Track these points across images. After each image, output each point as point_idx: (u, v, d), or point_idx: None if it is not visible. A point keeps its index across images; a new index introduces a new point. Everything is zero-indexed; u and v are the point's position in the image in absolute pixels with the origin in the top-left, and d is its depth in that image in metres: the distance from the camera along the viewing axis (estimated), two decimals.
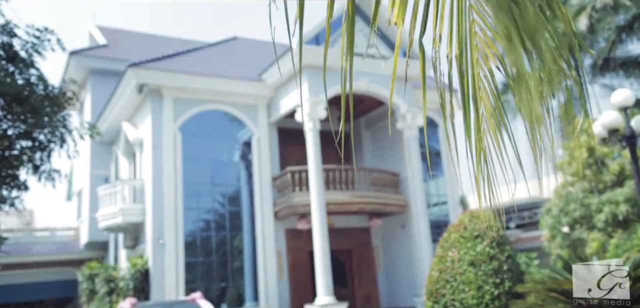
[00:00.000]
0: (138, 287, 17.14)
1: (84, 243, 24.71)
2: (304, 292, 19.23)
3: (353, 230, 20.84)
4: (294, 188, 18.51)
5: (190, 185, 18.41)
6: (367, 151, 22.29)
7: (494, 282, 6.19)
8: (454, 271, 6.39)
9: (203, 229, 18.49)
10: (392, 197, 19.76)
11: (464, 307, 6.25)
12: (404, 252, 20.64)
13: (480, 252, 6.29)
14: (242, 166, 19.45)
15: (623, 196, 14.03)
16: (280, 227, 19.46)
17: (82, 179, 25.80)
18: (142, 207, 18.52)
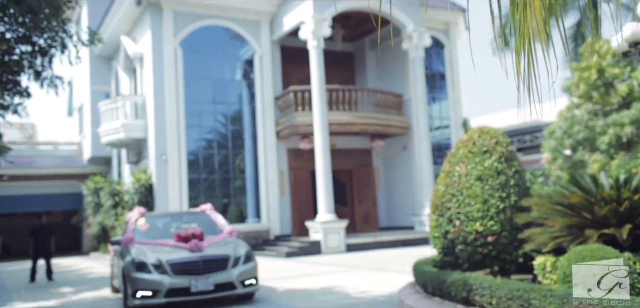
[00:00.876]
0: (142, 201, 17.38)
1: (87, 158, 24.86)
2: (305, 210, 19.54)
3: (354, 151, 20.92)
4: (296, 108, 18.40)
5: (192, 102, 18.29)
6: (371, 72, 22.01)
7: (500, 196, 6.22)
8: (460, 185, 6.40)
9: (205, 147, 18.54)
10: (394, 118, 19.70)
11: (469, 219, 6.31)
12: (403, 174, 20.82)
13: (488, 166, 6.28)
14: (244, 85, 19.25)
15: (629, 118, 13.96)
16: (282, 147, 19.51)
17: (82, 94, 25.63)
18: (144, 123, 18.49)
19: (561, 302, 4.50)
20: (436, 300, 6.20)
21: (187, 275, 7.49)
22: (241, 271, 7.85)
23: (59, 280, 13.63)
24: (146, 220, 9.17)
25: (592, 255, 4.87)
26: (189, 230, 8.18)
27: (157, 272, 7.46)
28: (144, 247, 8.05)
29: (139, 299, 7.38)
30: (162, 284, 7.40)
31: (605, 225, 5.56)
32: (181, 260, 7.62)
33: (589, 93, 15.07)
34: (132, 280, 7.45)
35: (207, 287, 7.52)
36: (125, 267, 7.74)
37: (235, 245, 8.26)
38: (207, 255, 7.80)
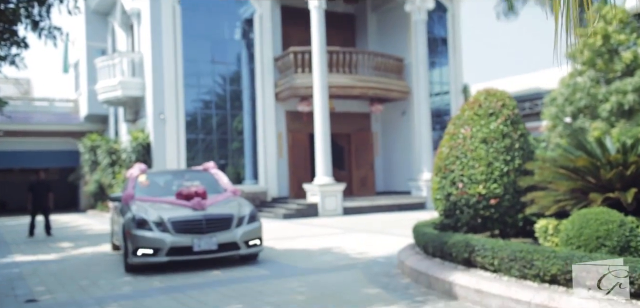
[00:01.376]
0: (140, 159, 17.30)
1: (83, 115, 24.67)
2: (303, 173, 19.54)
3: (353, 115, 20.82)
4: (296, 69, 18.21)
5: (191, 61, 18.08)
6: (372, 35, 21.74)
7: (504, 159, 6.18)
8: (464, 147, 6.35)
9: (203, 107, 18.40)
10: (395, 82, 19.55)
11: (472, 182, 6.28)
12: (402, 139, 20.79)
13: (494, 129, 6.23)
14: (243, 45, 19.00)
15: (632, 85, 13.89)
16: (280, 109, 19.39)
17: (78, 51, 25.28)
18: (142, 82, 18.29)
19: (564, 263, 4.51)
20: (437, 261, 6.21)
21: (189, 234, 7.31)
22: (245, 231, 7.68)
23: (57, 236, 13.65)
24: (147, 177, 8.92)
25: (597, 218, 4.87)
26: (192, 187, 7.96)
27: (158, 230, 7.27)
28: (145, 204, 7.84)
29: (139, 257, 7.21)
30: (163, 242, 7.21)
31: (610, 189, 5.55)
32: (183, 219, 7.42)
33: (593, 59, 14.95)
34: (133, 238, 7.26)
35: (210, 247, 7.33)
36: (126, 224, 7.54)
37: (239, 205, 8.08)
38: (210, 214, 7.59)
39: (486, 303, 4.99)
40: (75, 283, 6.95)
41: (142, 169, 8.99)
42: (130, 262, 7.33)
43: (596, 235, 4.77)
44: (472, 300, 5.17)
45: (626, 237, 4.74)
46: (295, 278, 6.74)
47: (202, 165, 9.74)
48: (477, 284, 5.16)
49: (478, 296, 5.09)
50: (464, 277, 5.39)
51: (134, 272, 7.43)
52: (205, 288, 6.27)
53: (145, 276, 7.17)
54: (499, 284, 4.98)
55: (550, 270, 4.61)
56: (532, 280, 4.84)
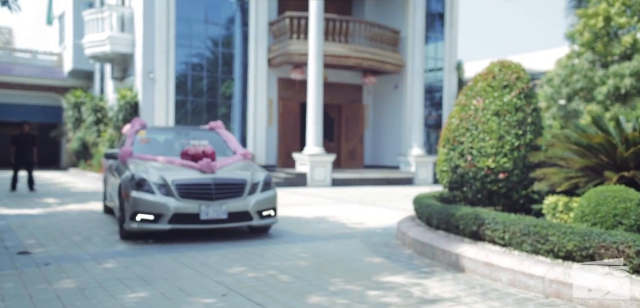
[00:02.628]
0: (127, 118, 16.89)
1: (67, 70, 23.99)
2: (292, 142, 19.33)
3: (345, 85, 20.58)
4: (291, 35, 17.85)
5: (183, 20, 17.57)
6: (369, 4, 21.38)
7: (516, 133, 6.06)
8: (476, 119, 6.21)
9: (194, 69, 17.97)
10: (390, 55, 19.32)
11: (482, 155, 6.15)
12: (393, 113, 20.64)
13: (507, 102, 6.09)
14: (238, 6, 18.52)
15: (630, 69, 13.88)
16: (273, 75, 19.05)
17: (64, 2, 24.46)
18: (132, 38, 17.76)
19: (582, 239, 4.42)
20: (441, 233, 6.11)
21: (196, 200, 6.39)
22: (259, 199, 6.75)
23: (40, 192, 13.28)
24: (147, 133, 8.05)
25: (614, 196, 4.78)
26: (199, 147, 7.08)
27: (160, 193, 6.34)
28: (146, 164, 6.94)
29: (137, 223, 6.30)
30: (166, 207, 6.27)
31: (625, 168, 5.47)
32: (190, 182, 6.48)
33: (592, 41, 14.88)
34: (131, 200, 6.31)
35: (219, 215, 6.43)
36: (123, 184, 6.64)
37: (253, 170, 7.15)
38: (220, 178, 6.64)
39: (496, 277, 4.90)
40: (67, 238, 6.71)
41: (141, 124, 8.10)
42: (127, 228, 6.40)
43: (614, 213, 4.69)
44: (480, 273, 5.07)
45: None
46: (296, 245, 6.59)
47: (209, 124, 8.80)
48: (486, 257, 5.06)
49: (487, 269, 4.99)
50: (472, 250, 5.29)
51: (131, 240, 6.62)
52: (205, 251, 6.08)
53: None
54: (510, 258, 4.88)
55: (566, 246, 4.52)
56: (545, 256, 4.75)
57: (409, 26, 19.72)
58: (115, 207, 7.41)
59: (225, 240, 6.75)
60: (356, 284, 4.72)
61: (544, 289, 4.45)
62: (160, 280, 4.73)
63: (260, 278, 4.87)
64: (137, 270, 5.10)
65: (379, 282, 4.83)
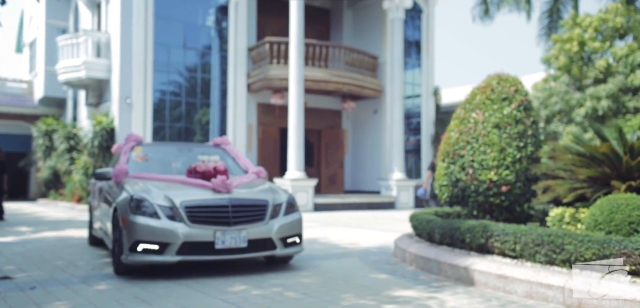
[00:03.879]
0: (103, 145, 16.42)
1: (38, 98, 23.30)
2: (272, 168, 19.05)
3: (324, 111, 20.52)
4: (271, 60, 17.74)
5: (161, 45, 17.31)
6: (347, 31, 21.52)
7: (517, 146, 6.00)
8: (476, 132, 6.13)
9: (173, 94, 17.65)
10: (369, 80, 19.39)
11: (483, 168, 6.06)
12: (373, 137, 20.64)
13: (507, 114, 6.03)
14: (217, 32, 18.37)
15: (605, 92, 14.22)
16: (252, 100, 18.86)
17: (36, 29, 23.89)
18: (108, 63, 17.37)
19: (601, 247, 4.31)
20: (445, 248, 5.95)
21: (210, 225, 5.31)
22: (282, 224, 5.68)
23: (10, 221, 12.65)
24: (144, 149, 6.99)
25: (628, 203, 4.72)
26: (210, 163, 6.10)
27: (166, 217, 5.25)
28: (147, 183, 5.82)
29: (139, 254, 5.17)
30: (174, 235, 5.17)
31: (630, 178, 5.44)
32: (203, 203, 5.40)
33: (568, 65, 15.24)
34: (131, 227, 5.22)
35: (237, 243, 5.34)
36: (120, 208, 5.49)
37: (273, 190, 6.11)
38: (238, 199, 5.55)
39: (510, 289, 4.74)
40: (50, 264, 6.29)
41: (136, 139, 7.09)
42: (125, 261, 5.23)
43: (629, 220, 4.61)
44: (493, 286, 4.91)
45: None
46: (294, 263, 6.33)
47: (213, 140, 7.67)
48: (499, 269, 4.91)
49: (501, 282, 4.84)
50: (483, 263, 5.14)
51: (129, 275, 5.40)
52: (202, 269, 5.76)
53: None
54: (524, 269, 4.74)
55: (584, 254, 4.41)
56: (561, 266, 4.63)
57: (387, 52, 19.89)
58: (107, 237, 6.32)
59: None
60: (369, 299, 4.50)
61: (564, 300, 4.31)
62: (160, 299, 4.42)
63: (267, 296, 4.61)
64: (133, 290, 4.77)
65: (392, 296, 4.62)
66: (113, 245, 5.71)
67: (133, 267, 5.42)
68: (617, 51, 15.14)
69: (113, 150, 7.60)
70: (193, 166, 6.16)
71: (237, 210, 5.47)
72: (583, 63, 15.23)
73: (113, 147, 7.73)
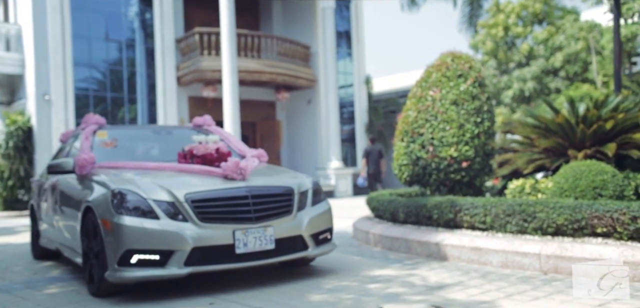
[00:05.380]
0: (19, 146, 15.12)
1: None
2: None
3: (258, 102, 20.14)
4: (202, 51, 17.12)
5: (81, 38, 16.19)
6: (277, 22, 21.22)
7: (475, 121, 6.08)
8: (435, 110, 6.16)
9: (96, 89, 16.58)
10: (302, 70, 19.24)
11: (444, 145, 6.09)
12: (308, 128, 20.54)
13: (464, 91, 6.10)
14: (141, 22, 17.45)
15: (531, 74, 14.98)
16: (183, 94, 18.12)
17: None
18: (21, 58, 15.99)
19: (572, 212, 4.41)
20: (410, 227, 5.91)
21: (227, 223, 4.01)
22: (313, 217, 4.46)
23: None
24: (110, 133, 5.45)
25: (590, 170, 4.88)
26: (209, 145, 4.77)
27: (167, 216, 3.92)
28: (129, 173, 4.43)
29: (133, 269, 3.83)
30: (181, 239, 3.84)
31: (581, 147, 5.65)
32: (215, 195, 4.08)
33: (495, 50, 15.91)
34: (118, 232, 3.85)
35: (263, 245, 4.07)
36: (97, 207, 4.07)
37: (293, 174, 4.93)
38: (259, 187, 4.28)
39: (485, 260, 4.77)
40: None
41: (97, 122, 5.58)
42: (112, 278, 3.87)
43: (593, 186, 4.77)
44: (467, 259, 4.92)
45: (620, 187, 4.79)
46: None
47: (193, 120, 6.19)
48: (472, 242, 4.92)
49: (475, 254, 4.85)
50: (454, 237, 5.14)
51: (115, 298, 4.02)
52: None
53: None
54: (498, 240, 4.78)
55: (556, 221, 4.50)
56: (533, 234, 4.71)
57: (318, 42, 19.83)
58: (69, 249, 4.86)
59: None
60: (351, 280, 4.34)
61: (540, 266, 4.37)
62: (126, 294, 4.01)
63: (246, 281, 4.32)
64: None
65: (371, 276, 4.49)
66: (84, 259, 4.31)
67: (122, 287, 4.05)
68: (538, 35, 16.01)
69: (61, 139, 6.37)
70: (187, 149, 4.84)
71: (260, 202, 4.18)
72: (508, 47, 15.96)
73: (61, 135, 6.40)
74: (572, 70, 14.97)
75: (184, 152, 4.86)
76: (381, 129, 21.35)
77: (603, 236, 4.32)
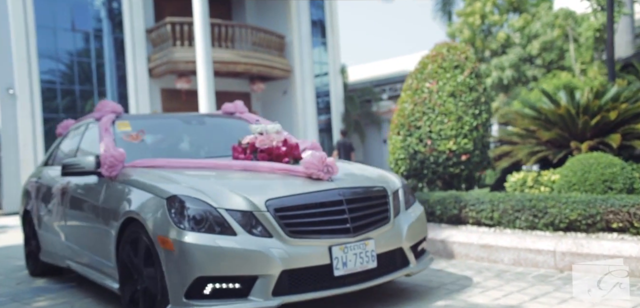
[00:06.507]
0: None
1: None
2: None
3: (233, 94, 19.64)
4: (175, 42, 16.57)
5: (46, 28, 15.44)
6: (250, 10, 20.74)
7: (473, 113, 5.94)
8: (432, 102, 5.99)
9: (64, 82, 15.88)
10: (277, 60, 18.89)
11: (442, 138, 5.93)
12: (284, 118, 20.18)
13: (461, 82, 5.94)
14: (108, 12, 16.78)
15: (509, 62, 15.07)
16: (155, 86, 17.54)
17: None
18: None
19: (586, 207, 4.31)
20: None
21: (321, 236, 3.16)
22: (411, 224, 3.63)
23: None
24: (132, 124, 4.46)
25: (599, 162, 4.79)
26: (271, 136, 3.86)
27: (245, 230, 3.06)
28: (173, 174, 3.55)
29: (209, 303, 3.01)
30: (267, 260, 3.01)
31: (583, 138, 5.57)
32: (304, 200, 3.21)
33: (472, 38, 15.93)
34: (185, 254, 2.98)
35: (364, 263, 3.23)
36: (147, 218, 3.20)
37: (376, 170, 4.03)
38: (351, 189, 3.40)
39: (496, 258, 4.64)
40: None
41: (114, 109, 4.58)
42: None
43: (603, 179, 4.69)
44: (475, 256, 4.78)
45: (630, 179, 4.72)
46: None
47: (224, 107, 5.36)
48: (480, 239, 4.78)
49: (485, 251, 4.71)
50: (461, 234, 4.99)
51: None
52: None
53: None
54: (509, 237, 4.65)
55: (569, 216, 4.40)
56: (544, 230, 4.60)
57: (293, 31, 19.48)
58: (93, 271, 3.96)
59: None
60: None
61: (555, 264, 4.26)
62: None
63: None
64: (85, 301, 3.99)
65: None
66: (122, 284, 3.46)
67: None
68: (514, 23, 16.11)
69: (59, 131, 5.51)
70: (247, 142, 3.89)
71: (355, 208, 3.31)
72: (485, 36, 16.01)
73: (58, 127, 5.56)
74: (549, 58, 15.13)
75: (242, 146, 3.90)
76: (357, 118, 21.23)
77: (618, 231, 4.23)
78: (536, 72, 15.46)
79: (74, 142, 4.91)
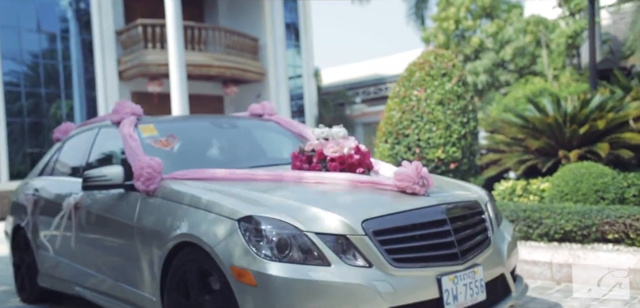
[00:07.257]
0: None
1: None
2: None
3: (206, 97, 19.34)
4: (146, 44, 16.16)
5: (9, 29, 14.84)
6: (223, 12, 20.43)
7: (461, 121, 5.91)
8: (420, 110, 5.93)
9: (28, 85, 15.27)
10: (251, 63, 18.66)
11: (431, 146, 5.87)
12: None
13: (449, 90, 5.89)
14: (76, 12, 16.24)
15: (483, 67, 15.24)
16: (125, 89, 17.05)
17: None
18: None
19: (582, 218, 4.30)
20: None
21: (427, 264, 2.59)
22: (509, 244, 3.10)
23: None
24: (158, 128, 3.82)
25: (590, 172, 4.80)
26: (341, 143, 3.22)
27: (338, 257, 2.47)
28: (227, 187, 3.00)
29: None
30: (370, 296, 2.42)
31: (570, 147, 5.60)
32: (407, 219, 2.64)
33: (447, 43, 16.06)
34: (270, 289, 2.43)
35: (475, 296, 2.68)
36: (211, 243, 2.61)
37: (452, 180, 3.74)
38: (452, 204, 2.88)
39: None
40: None
41: (134, 112, 3.91)
42: None
43: (595, 189, 4.70)
44: None
45: (621, 189, 4.75)
46: None
47: (249, 109, 4.80)
48: None
49: None
50: None
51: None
52: None
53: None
54: None
55: (564, 227, 4.38)
56: (538, 240, 4.57)
57: (267, 34, 19.28)
58: (118, 302, 3.39)
59: None
60: None
61: (552, 275, 4.23)
62: None
63: None
64: None
65: None
66: None
67: None
68: (487, 29, 16.33)
69: (56, 136, 4.93)
70: (311, 148, 3.28)
71: (459, 228, 2.78)
72: (459, 40, 16.16)
73: (56, 131, 4.95)
74: (521, 63, 15.39)
75: (307, 154, 3.28)
76: (331, 121, 21.15)
77: (613, 242, 4.23)
78: (509, 77, 15.70)
79: (80, 149, 4.29)
